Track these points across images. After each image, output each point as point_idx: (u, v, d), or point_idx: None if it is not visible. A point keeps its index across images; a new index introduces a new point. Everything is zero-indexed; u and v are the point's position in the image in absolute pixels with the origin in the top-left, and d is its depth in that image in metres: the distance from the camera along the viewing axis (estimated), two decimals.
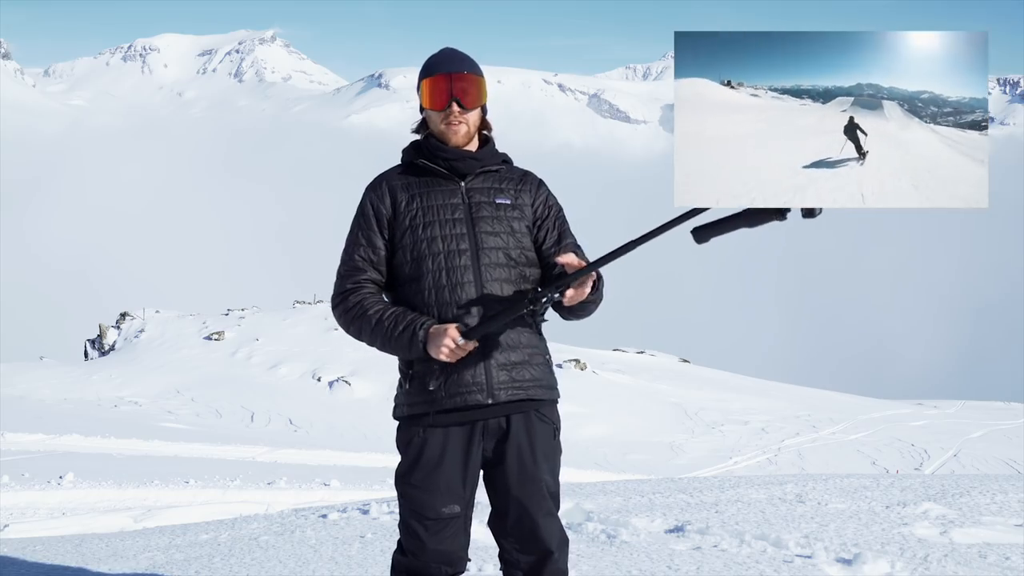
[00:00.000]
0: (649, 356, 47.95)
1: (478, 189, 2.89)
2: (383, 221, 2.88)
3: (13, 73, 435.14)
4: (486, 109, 2.95)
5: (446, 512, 2.83)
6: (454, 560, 2.89)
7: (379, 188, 2.92)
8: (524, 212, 2.92)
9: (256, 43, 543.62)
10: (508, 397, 2.82)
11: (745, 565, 4.38)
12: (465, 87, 2.83)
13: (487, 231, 2.84)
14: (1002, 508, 5.68)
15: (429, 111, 2.88)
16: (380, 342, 2.83)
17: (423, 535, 2.84)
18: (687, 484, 7.49)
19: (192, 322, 44.21)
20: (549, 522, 2.87)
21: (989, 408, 39.98)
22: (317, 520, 6.26)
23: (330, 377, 34.23)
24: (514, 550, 2.89)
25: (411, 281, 2.85)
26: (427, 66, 2.90)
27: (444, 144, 2.87)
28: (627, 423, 30.74)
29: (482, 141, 2.94)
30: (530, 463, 2.84)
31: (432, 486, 2.82)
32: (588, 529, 5.16)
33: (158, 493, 10.28)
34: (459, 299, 2.80)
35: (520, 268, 2.87)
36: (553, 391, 2.95)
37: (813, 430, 30.49)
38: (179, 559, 5.20)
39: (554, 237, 2.94)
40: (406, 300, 2.86)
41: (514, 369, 2.83)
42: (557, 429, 2.95)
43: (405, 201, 2.87)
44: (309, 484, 11.91)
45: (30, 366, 37.66)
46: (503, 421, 2.84)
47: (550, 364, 2.97)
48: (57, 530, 7.54)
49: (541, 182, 3.01)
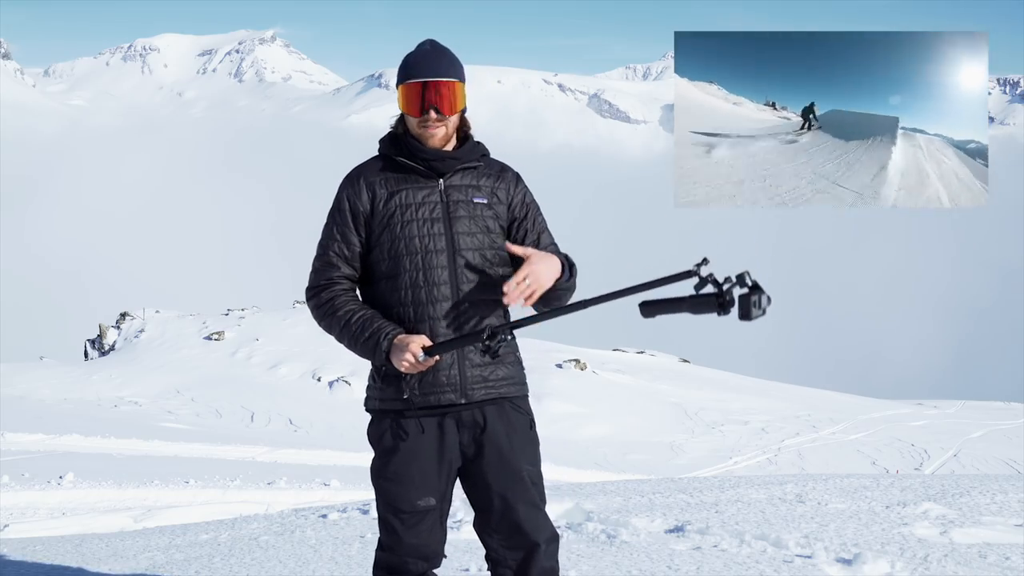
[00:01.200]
0: (649, 356, 47.91)
1: (456, 187, 2.87)
2: (359, 217, 2.87)
3: (13, 73, 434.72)
4: (466, 108, 2.91)
5: (421, 505, 2.82)
6: (430, 554, 2.88)
7: (356, 184, 2.89)
8: (499, 211, 2.91)
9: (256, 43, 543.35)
10: (482, 396, 2.83)
11: (745, 565, 4.38)
12: (442, 93, 2.80)
13: (463, 231, 2.83)
14: (1002, 508, 5.68)
15: (406, 115, 2.87)
16: (347, 343, 2.86)
17: (399, 529, 2.83)
18: (687, 484, 7.49)
19: (192, 322, 44.18)
20: (534, 514, 2.85)
21: (989, 408, 39.97)
22: (317, 520, 6.26)
23: (330, 377, 34.25)
24: (500, 547, 2.86)
25: (387, 278, 2.85)
26: (403, 68, 2.86)
27: (422, 145, 2.85)
28: (627, 423, 30.73)
29: (461, 139, 2.92)
30: (508, 453, 2.83)
31: (407, 478, 2.81)
32: (588, 529, 5.16)
33: (158, 493, 10.28)
34: (434, 298, 2.80)
35: (495, 268, 2.86)
36: (524, 387, 2.96)
37: (813, 430, 30.48)
38: (179, 559, 5.20)
39: (533, 238, 2.93)
40: (382, 297, 2.86)
41: (487, 368, 2.83)
42: (532, 421, 2.95)
43: (384, 198, 2.85)
44: (309, 484, 11.91)
45: (30, 366, 37.63)
46: (478, 415, 2.84)
47: (520, 361, 2.98)
48: (57, 530, 7.54)
49: (518, 178, 2.99)
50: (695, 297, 2.46)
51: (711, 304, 2.43)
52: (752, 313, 2.39)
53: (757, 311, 2.40)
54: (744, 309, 2.39)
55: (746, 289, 2.42)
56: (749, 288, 2.41)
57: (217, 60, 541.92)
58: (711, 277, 2.44)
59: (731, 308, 2.41)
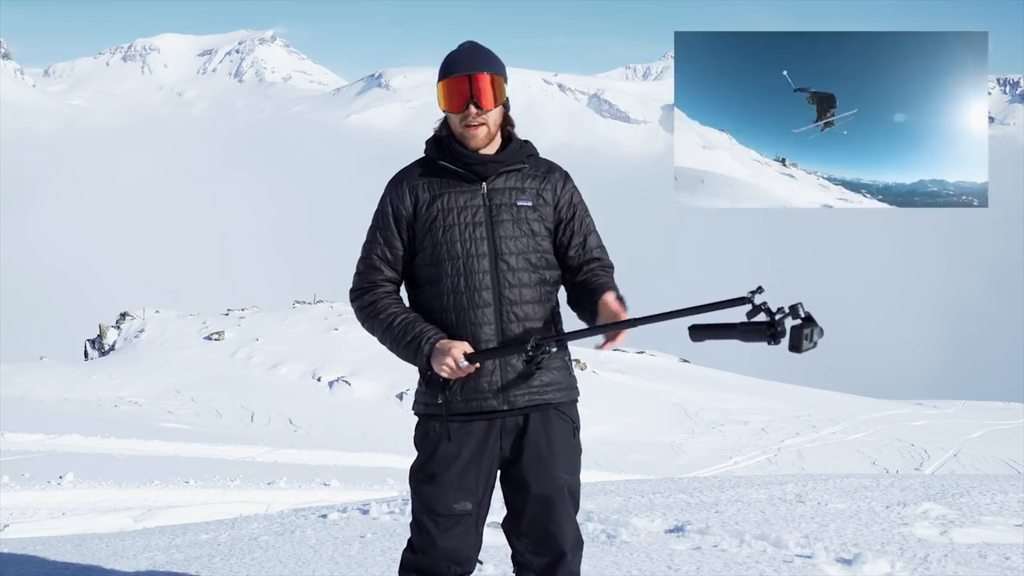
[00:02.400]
0: (649, 356, 47.92)
1: (499, 190, 2.83)
2: (402, 221, 2.85)
3: (13, 73, 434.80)
4: (508, 106, 2.88)
5: (458, 508, 2.79)
6: (463, 559, 2.84)
7: (400, 188, 2.87)
8: (545, 213, 2.87)
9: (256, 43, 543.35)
10: (525, 403, 2.80)
11: (745, 565, 4.38)
12: (482, 87, 2.77)
13: (507, 235, 2.80)
14: (1002, 508, 5.67)
15: (447, 113, 2.83)
16: (390, 345, 2.84)
17: (434, 531, 2.81)
18: (687, 484, 7.49)
19: (192, 322, 44.18)
20: (565, 523, 2.82)
21: (989, 408, 39.98)
22: (317, 520, 6.26)
23: (330, 377, 34.21)
24: (527, 551, 2.85)
25: (430, 284, 2.83)
26: (444, 66, 2.83)
27: (464, 146, 2.82)
28: (627, 423, 30.72)
29: (505, 139, 2.89)
30: (548, 460, 2.80)
31: (445, 481, 2.79)
32: (588, 529, 5.16)
33: (158, 493, 10.28)
34: (476, 304, 2.78)
35: (540, 272, 2.84)
36: (572, 391, 2.91)
37: (813, 430, 30.49)
38: (179, 559, 5.20)
39: (579, 240, 2.90)
40: (426, 302, 2.85)
41: (531, 374, 2.80)
42: (577, 427, 2.91)
43: (426, 203, 2.82)
44: (309, 484, 11.91)
45: (30, 366, 37.64)
46: (520, 419, 2.81)
47: (569, 365, 2.93)
48: (57, 530, 7.54)
49: (567, 177, 2.95)
50: (746, 324, 2.44)
51: (762, 333, 2.41)
52: (803, 346, 2.38)
53: (808, 344, 2.39)
54: (795, 341, 2.38)
55: (799, 320, 2.40)
56: (802, 320, 2.39)
57: (217, 60, 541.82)
58: (764, 306, 2.42)
59: (782, 339, 2.39)
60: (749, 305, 2.43)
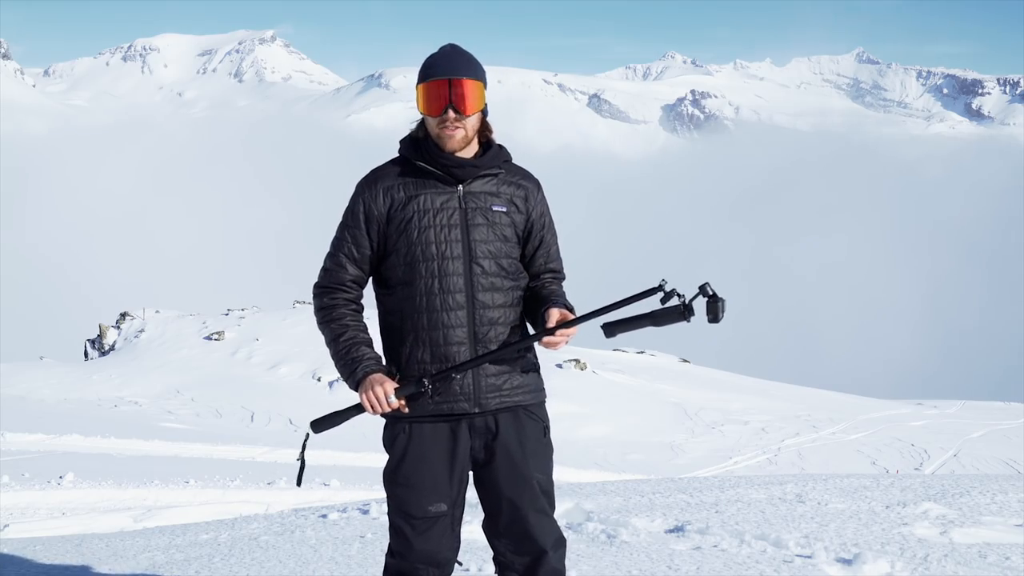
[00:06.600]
0: (649, 356, 47.88)
1: (475, 194, 2.83)
2: (372, 221, 2.84)
3: (13, 73, 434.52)
4: (486, 111, 2.88)
5: (432, 510, 2.80)
6: (441, 561, 2.85)
7: (373, 188, 2.86)
8: (517, 220, 2.88)
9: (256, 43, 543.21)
10: (496, 405, 2.81)
11: (745, 565, 4.38)
12: (462, 93, 2.76)
13: (481, 239, 2.81)
14: (1002, 508, 5.67)
15: (426, 116, 2.83)
16: (332, 356, 2.91)
17: (410, 534, 2.81)
18: (687, 484, 7.48)
19: (192, 322, 44.14)
20: (542, 521, 2.84)
21: (989, 408, 39.92)
22: (317, 520, 6.26)
23: (330, 377, 34.18)
24: (508, 551, 2.87)
25: (403, 285, 2.82)
26: (424, 68, 2.83)
27: (441, 149, 2.81)
28: (627, 423, 30.69)
29: (483, 145, 2.88)
30: (520, 461, 2.82)
31: (418, 483, 2.80)
32: (588, 529, 5.16)
33: (158, 493, 10.27)
34: (449, 306, 2.78)
35: (511, 277, 2.85)
36: (540, 393, 2.93)
37: (813, 430, 30.45)
38: (179, 559, 5.20)
39: (544, 251, 2.95)
40: (398, 304, 2.84)
41: (501, 377, 2.81)
42: (547, 427, 2.93)
43: (402, 203, 2.81)
44: (309, 484, 11.90)
45: (30, 366, 37.61)
46: (491, 421, 2.82)
47: (537, 367, 2.95)
48: (57, 530, 7.53)
49: (539, 187, 2.96)
50: (661, 310, 2.73)
51: (677, 314, 2.72)
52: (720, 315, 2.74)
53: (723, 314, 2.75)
54: (712, 312, 2.74)
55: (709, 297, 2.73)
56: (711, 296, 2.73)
57: (217, 60, 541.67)
58: (675, 291, 2.73)
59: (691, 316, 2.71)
60: (662, 292, 2.72)
